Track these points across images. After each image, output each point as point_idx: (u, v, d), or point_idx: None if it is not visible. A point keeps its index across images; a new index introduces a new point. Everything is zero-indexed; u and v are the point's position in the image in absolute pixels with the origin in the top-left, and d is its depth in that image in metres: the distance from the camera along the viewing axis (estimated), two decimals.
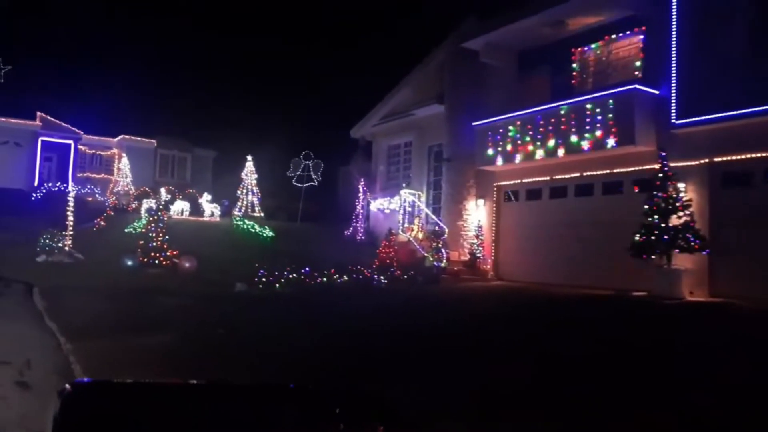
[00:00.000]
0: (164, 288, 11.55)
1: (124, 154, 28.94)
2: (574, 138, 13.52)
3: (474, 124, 16.10)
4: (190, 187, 26.32)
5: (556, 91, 15.39)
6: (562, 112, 13.87)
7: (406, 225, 17.73)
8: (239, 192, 22.90)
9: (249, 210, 22.59)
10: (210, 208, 20.73)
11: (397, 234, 17.00)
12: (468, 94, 16.90)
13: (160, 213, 13.87)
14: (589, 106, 13.26)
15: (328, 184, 24.67)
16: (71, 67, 42.35)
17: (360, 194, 21.24)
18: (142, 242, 13.57)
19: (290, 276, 13.00)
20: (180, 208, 20.12)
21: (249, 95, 41.44)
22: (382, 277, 14.21)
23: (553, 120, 14.09)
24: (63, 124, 28.01)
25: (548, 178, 14.91)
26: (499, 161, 15.43)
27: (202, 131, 32.78)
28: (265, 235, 19.13)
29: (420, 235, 17.16)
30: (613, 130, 12.77)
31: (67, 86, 36.60)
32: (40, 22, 42.01)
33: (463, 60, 16.82)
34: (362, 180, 21.46)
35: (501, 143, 15.33)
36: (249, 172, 22.96)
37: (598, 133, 13.02)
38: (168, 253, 13.54)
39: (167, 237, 13.79)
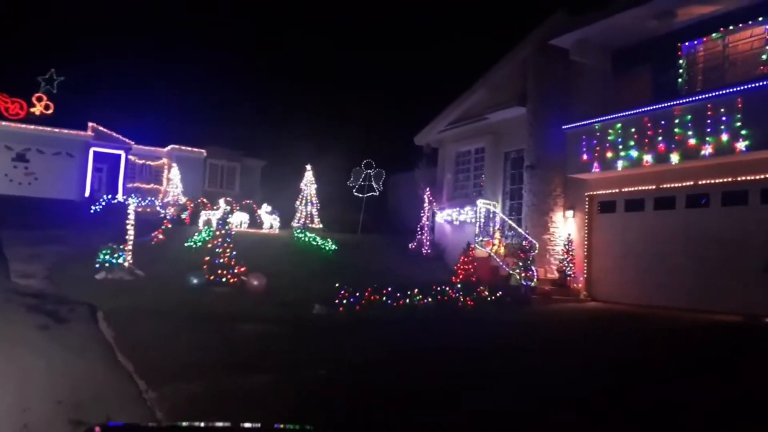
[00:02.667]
0: (238, 311, 10.35)
1: (174, 164, 28.32)
2: (692, 141, 11.92)
3: (565, 127, 14.57)
4: (240, 197, 25.40)
5: (658, 91, 13.77)
6: (676, 113, 12.27)
7: (485, 239, 16.19)
8: (298, 203, 21.77)
9: (307, 221, 21.42)
10: (269, 220, 19.62)
11: (474, 248, 15.51)
12: (554, 95, 15.36)
13: (227, 227, 12.69)
14: (710, 105, 11.65)
15: (380, 193, 23.35)
16: (121, 76, 42.35)
17: (425, 204, 19.88)
18: (207, 258, 12.44)
19: (371, 297, 11.66)
20: (239, 219, 19.07)
21: (297, 104, 40.61)
22: (468, 298, 12.76)
23: (663, 122, 12.50)
24: (114, 134, 27.49)
25: (654, 187, 13.29)
26: (596, 168, 13.86)
27: (251, 141, 32.03)
28: (327, 248, 17.92)
29: (501, 250, 15.61)
30: (742, 132, 11.13)
31: (117, 96, 36.40)
32: (91, 34, 42.09)
33: (549, 58, 15.31)
34: (427, 189, 20.09)
35: (598, 148, 13.77)
36: (308, 182, 21.80)
37: (723, 136, 11.40)
38: (236, 270, 12.38)
39: (234, 252, 12.64)
